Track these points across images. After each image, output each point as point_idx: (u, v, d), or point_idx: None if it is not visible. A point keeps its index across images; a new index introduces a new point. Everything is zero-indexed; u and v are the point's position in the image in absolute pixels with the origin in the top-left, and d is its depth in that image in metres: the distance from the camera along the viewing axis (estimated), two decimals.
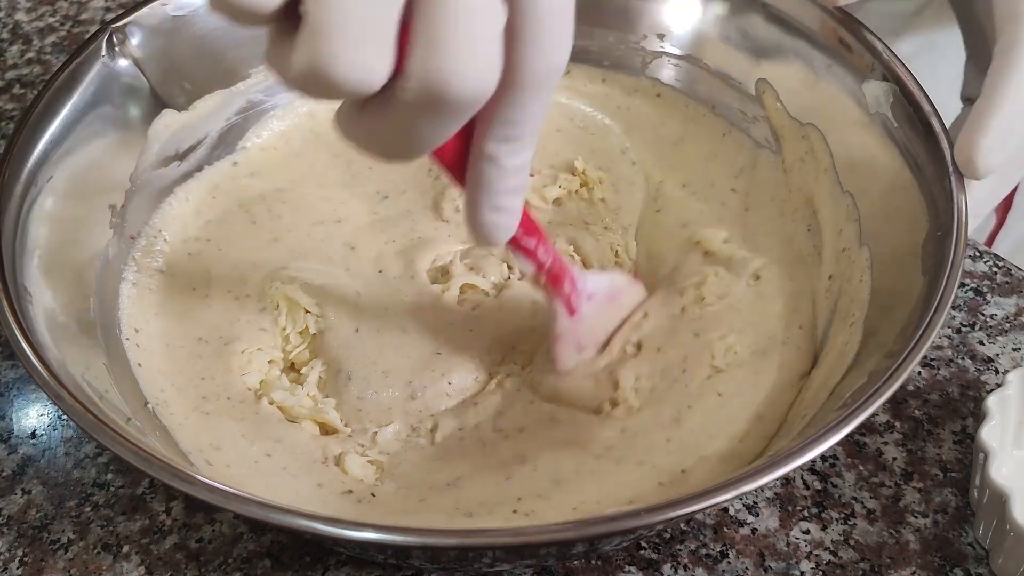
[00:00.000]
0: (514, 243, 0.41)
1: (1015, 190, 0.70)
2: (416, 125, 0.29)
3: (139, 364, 0.46)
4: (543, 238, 0.42)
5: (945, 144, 0.43)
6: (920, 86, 0.46)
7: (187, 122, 0.53)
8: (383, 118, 0.29)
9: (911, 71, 0.47)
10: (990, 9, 0.43)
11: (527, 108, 0.31)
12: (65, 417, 0.48)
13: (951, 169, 0.42)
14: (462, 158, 0.34)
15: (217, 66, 0.54)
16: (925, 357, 0.52)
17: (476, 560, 0.41)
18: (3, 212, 0.43)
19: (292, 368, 0.50)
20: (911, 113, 0.45)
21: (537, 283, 0.44)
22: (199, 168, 0.54)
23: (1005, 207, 0.71)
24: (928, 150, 0.44)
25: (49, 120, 0.47)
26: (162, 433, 0.44)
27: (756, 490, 0.46)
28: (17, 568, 0.45)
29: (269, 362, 0.49)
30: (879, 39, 0.48)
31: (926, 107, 0.45)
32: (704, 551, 0.45)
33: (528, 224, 0.41)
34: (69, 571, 0.45)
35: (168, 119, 0.52)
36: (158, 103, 0.52)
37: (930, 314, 0.38)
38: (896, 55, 0.47)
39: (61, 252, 0.46)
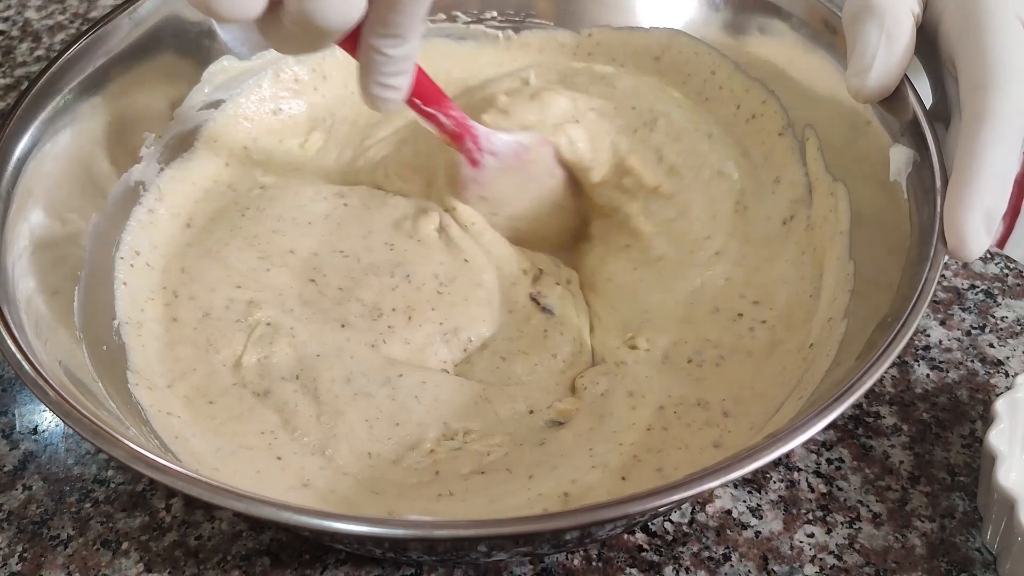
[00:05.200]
0: (414, 107, 0.48)
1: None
2: (303, 38, 0.37)
3: (124, 283, 0.49)
4: (445, 104, 0.49)
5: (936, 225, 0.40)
6: (941, 159, 0.42)
7: (245, 69, 0.57)
8: (281, 30, 0.37)
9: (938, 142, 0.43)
10: (953, 69, 0.41)
11: (402, 11, 0.38)
12: None
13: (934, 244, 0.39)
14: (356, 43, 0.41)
15: None
16: (934, 359, 0.51)
17: (471, 549, 0.40)
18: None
19: None
20: (928, 186, 0.42)
21: (443, 140, 0.51)
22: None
23: (1013, 214, 0.70)
24: (922, 226, 0.41)
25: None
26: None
27: (761, 492, 0.46)
28: (16, 564, 0.45)
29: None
30: (920, 103, 0.44)
31: (937, 183, 0.41)
32: (706, 553, 0.44)
33: (430, 91, 0.48)
34: (68, 567, 0.45)
35: (226, 63, 0.56)
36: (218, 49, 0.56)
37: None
38: (930, 123, 0.43)
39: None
